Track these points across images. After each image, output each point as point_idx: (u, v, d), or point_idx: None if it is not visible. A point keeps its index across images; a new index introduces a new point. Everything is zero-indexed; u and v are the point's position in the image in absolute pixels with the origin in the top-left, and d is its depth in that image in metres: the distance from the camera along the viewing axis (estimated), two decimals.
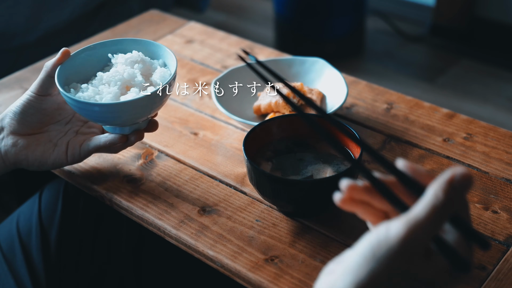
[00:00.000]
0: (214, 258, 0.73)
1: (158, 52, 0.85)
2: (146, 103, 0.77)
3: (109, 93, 0.78)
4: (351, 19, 2.34)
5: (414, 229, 0.46)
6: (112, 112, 0.76)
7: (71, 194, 0.97)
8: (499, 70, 2.32)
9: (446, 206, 0.46)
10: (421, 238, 0.46)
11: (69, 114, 0.84)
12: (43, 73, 0.80)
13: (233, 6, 2.84)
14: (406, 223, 0.46)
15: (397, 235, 0.46)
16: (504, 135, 0.91)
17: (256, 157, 0.80)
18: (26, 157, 0.81)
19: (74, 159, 0.82)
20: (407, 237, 0.46)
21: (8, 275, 0.89)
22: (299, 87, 0.93)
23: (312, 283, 0.69)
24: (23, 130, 0.81)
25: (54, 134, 0.83)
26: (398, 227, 0.46)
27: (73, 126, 0.84)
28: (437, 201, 0.46)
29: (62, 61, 0.80)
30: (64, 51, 0.80)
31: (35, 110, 0.80)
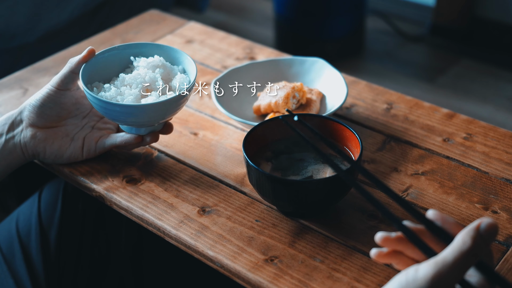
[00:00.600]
0: (214, 258, 0.73)
1: (179, 58, 0.88)
2: (165, 107, 0.80)
3: (130, 95, 0.81)
4: (351, 19, 2.34)
5: (442, 271, 0.48)
6: (132, 113, 0.80)
7: (71, 194, 0.97)
8: (499, 70, 2.32)
9: (473, 252, 0.49)
10: (448, 280, 0.48)
11: (86, 109, 0.87)
12: (67, 68, 0.82)
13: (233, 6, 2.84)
14: (435, 265, 0.49)
15: (426, 276, 0.49)
16: (504, 135, 0.91)
17: (256, 157, 0.80)
18: (44, 149, 0.84)
19: (90, 154, 0.86)
20: (435, 278, 0.48)
21: (8, 275, 0.89)
22: (299, 87, 0.93)
23: (311, 283, 0.69)
24: (41, 123, 0.83)
25: (71, 128, 0.85)
26: (427, 268, 0.49)
27: (89, 121, 0.87)
28: (464, 246, 0.49)
29: (87, 59, 0.83)
30: (90, 49, 0.83)
31: (54, 103, 0.82)
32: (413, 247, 0.55)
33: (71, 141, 0.85)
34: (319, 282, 0.69)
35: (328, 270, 0.71)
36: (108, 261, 0.95)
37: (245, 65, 1.02)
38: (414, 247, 0.55)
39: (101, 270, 0.95)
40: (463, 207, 0.79)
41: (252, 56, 1.15)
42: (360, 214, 0.78)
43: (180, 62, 0.88)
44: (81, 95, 0.86)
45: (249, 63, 1.02)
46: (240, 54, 1.16)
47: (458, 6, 2.44)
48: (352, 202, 0.80)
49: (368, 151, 0.90)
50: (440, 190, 0.82)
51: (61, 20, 1.73)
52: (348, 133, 0.79)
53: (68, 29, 1.77)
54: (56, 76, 0.83)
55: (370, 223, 0.77)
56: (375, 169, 0.86)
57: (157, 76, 0.83)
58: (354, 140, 0.78)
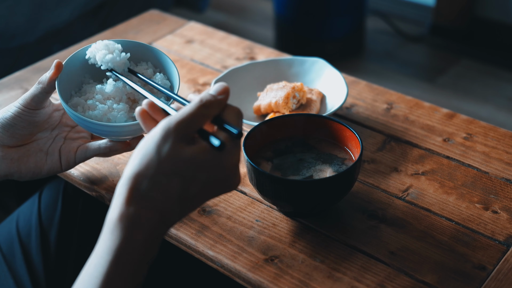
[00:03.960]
0: (214, 258, 0.73)
1: (148, 54, 0.82)
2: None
3: (120, 111, 0.77)
4: (351, 19, 2.34)
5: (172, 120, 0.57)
6: (130, 131, 0.77)
7: (71, 194, 0.97)
8: (499, 70, 2.32)
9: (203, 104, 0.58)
10: (179, 125, 0.57)
11: (55, 121, 0.82)
12: (38, 89, 0.76)
13: (233, 6, 2.84)
14: (167, 118, 0.58)
15: (159, 126, 0.57)
16: (504, 135, 0.91)
17: (256, 157, 0.80)
18: (19, 169, 0.79)
19: (69, 165, 0.81)
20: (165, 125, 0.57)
21: (8, 275, 0.89)
22: (299, 87, 0.93)
23: (312, 283, 0.69)
24: (12, 142, 0.78)
25: (43, 142, 0.80)
26: (159, 123, 0.58)
27: (60, 132, 0.82)
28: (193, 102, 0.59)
29: (57, 75, 0.77)
30: (57, 63, 0.76)
31: (26, 123, 0.77)
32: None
33: (46, 155, 0.80)
34: (319, 282, 0.69)
35: (328, 270, 0.71)
36: None
37: (245, 65, 1.02)
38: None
39: None
40: (463, 207, 0.79)
41: (252, 56, 1.15)
42: (360, 214, 0.78)
43: (149, 57, 0.83)
44: (54, 108, 0.81)
45: (249, 63, 1.02)
46: (240, 54, 1.16)
47: (458, 6, 2.44)
48: (352, 202, 0.80)
49: (368, 151, 0.90)
50: (440, 190, 0.82)
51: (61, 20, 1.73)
52: (348, 133, 0.79)
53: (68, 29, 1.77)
54: (26, 95, 0.76)
55: (370, 223, 0.77)
56: (375, 169, 0.86)
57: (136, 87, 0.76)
58: (354, 140, 0.78)
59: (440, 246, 0.73)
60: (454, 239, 0.74)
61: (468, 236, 0.75)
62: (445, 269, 0.70)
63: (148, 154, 0.57)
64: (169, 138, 0.57)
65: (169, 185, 0.57)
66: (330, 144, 0.82)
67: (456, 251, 0.73)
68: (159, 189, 0.57)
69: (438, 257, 0.72)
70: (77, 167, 0.88)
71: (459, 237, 0.75)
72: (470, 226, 0.76)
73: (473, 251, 0.73)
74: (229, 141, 0.59)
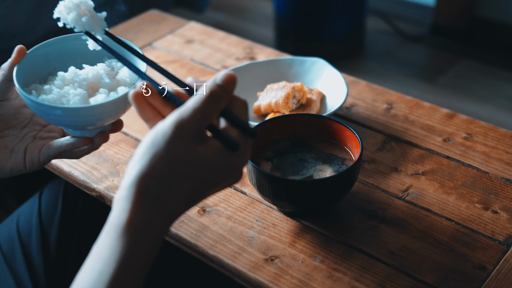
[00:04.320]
0: (214, 258, 0.73)
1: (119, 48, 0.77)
2: (118, 104, 0.70)
3: (76, 95, 0.71)
4: (351, 19, 2.34)
5: (183, 115, 0.53)
6: (82, 116, 0.69)
7: (71, 194, 0.97)
8: (499, 70, 2.32)
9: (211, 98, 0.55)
10: (191, 122, 0.53)
11: (26, 118, 0.77)
12: (1, 76, 0.72)
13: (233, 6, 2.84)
14: (177, 111, 0.54)
15: (170, 121, 0.53)
16: (504, 135, 0.91)
17: (256, 157, 0.80)
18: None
19: (33, 165, 0.75)
20: (178, 121, 0.53)
21: (8, 275, 0.89)
22: (299, 87, 0.93)
23: (312, 283, 0.69)
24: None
25: (10, 140, 0.75)
26: (171, 115, 0.54)
27: (30, 131, 0.76)
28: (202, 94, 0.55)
29: (18, 60, 0.72)
30: (19, 48, 0.72)
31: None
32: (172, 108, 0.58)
33: (11, 153, 0.74)
34: (319, 282, 0.69)
35: (328, 270, 0.71)
36: None
37: (245, 65, 1.02)
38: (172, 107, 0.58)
39: None
40: (463, 207, 0.79)
41: (252, 56, 1.15)
42: (360, 214, 0.78)
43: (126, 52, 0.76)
44: (21, 103, 0.76)
45: (249, 63, 1.02)
46: (240, 54, 1.16)
47: (458, 6, 2.44)
48: (352, 202, 0.80)
49: (368, 151, 0.90)
50: (440, 190, 0.82)
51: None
52: (348, 133, 0.79)
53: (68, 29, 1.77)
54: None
55: (370, 223, 0.77)
56: (375, 169, 0.86)
57: (101, 73, 0.74)
58: (354, 140, 0.78)
59: (440, 246, 0.73)
60: (454, 239, 0.74)
61: (468, 236, 0.75)
62: (445, 269, 0.70)
63: (158, 153, 0.53)
64: (182, 136, 0.53)
65: (181, 188, 0.54)
66: (330, 144, 0.82)
67: (456, 251, 0.73)
68: (170, 192, 0.53)
69: (438, 257, 0.72)
70: (77, 167, 0.88)
71: (459, 237, 0.75)
72: (470, 226, 0.76)
73: (473, 251, 0.73)
74: (241, 139, 0.56)
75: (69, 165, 0.88)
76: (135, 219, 0.52)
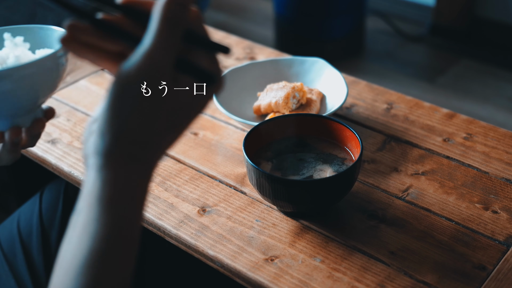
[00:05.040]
0: (214, 258, 0.73)
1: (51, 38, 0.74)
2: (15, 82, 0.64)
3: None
4: (351, 19, 2.34)
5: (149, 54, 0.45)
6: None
7: (72, 194, 0.97)
8: (499, 70, 2.32)
9: (173, 24, 0.45)
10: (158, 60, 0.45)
11: None
12: None
13: (233, 6, 2.84)
14: (140, 51, 0.45)
15: (134, 64, 0.45)
16: (504, 135, 0.92)
17: (256, 157, 0.80)
18: None
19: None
20: (144, 62, 0.45)
21: (9, 275, 0.89)
22: (299, 87, 0.93)
23: (312, 283, 0.69)
24: None
25: None
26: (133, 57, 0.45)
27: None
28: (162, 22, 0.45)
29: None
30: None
31: None
32: (111, 39, 0.48)
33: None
34: (319, 282, 0.69)
35: (328, 270, 0.71)
36: None
37: (245, 65, 1.02)
38: (112, 39, 0.48)
39: None
40: (463, 207, 0.79)
41: (252, 56, 1.15)
42: (360, 214, 0.78)
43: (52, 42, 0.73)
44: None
45: (249, 63, 1.02)
46: (240, 54, 1.16)
47: (458, 6, 2.44)
48: (352, 202, 0.80)
49: (368, 151, 0.90)
50: (440, 190, 0.82)
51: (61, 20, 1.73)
52: (348, 133, 0.79)
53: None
54: None
55: (370, 223, 0.77)
56: (375, 169, 0.86)
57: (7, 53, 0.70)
58: (354, 140, 0.78)
59: (440, 246, 0.73)
60: (454, 239, 0.74)
61: (468, 236, 0.75)
62: (445, 269, 0.70)
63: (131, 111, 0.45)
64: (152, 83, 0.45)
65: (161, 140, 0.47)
66: (330, 144, 0.82)
67: (456, 251, 0.73)
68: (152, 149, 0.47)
69: (438, 257, 0.72)
70: (77, 167, 0.88)
71: (459, 237, 0.75)
72: (470, 226, 0.76)
73: (473, 251, 0.73)
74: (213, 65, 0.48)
75: (69, 165, 0.88)
76: (122, 188, 0.46)
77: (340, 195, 0.76)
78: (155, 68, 0.45)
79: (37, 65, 0.65)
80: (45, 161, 0.91)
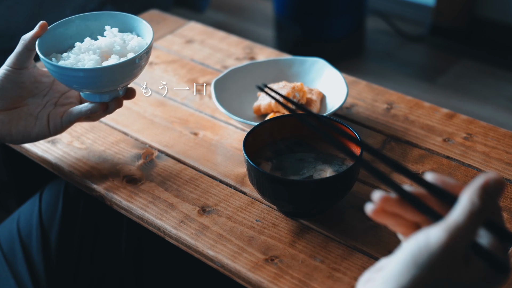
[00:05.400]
0: (214, 258, 0.73)
1: (133, 24, 0.88)
2: (127, 68, 0.80)
3: (90, 60, 0.81)
4: (351, 19, 2.34)
5: (454, 235, 0.47)
6: (95, 77, 0.79)
7: (72, 194, 0.97)
8: (499, 70, 2.32)
9: (482, 211, 0.48)
10: (461, 243, 0.47)
11: (46, 87, 0.86)
12: (21, 46, 0.81)
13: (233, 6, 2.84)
14: (446, 229, 0.47)
15: (438, 241, 0.47)
16: (504, 135, 0.92)
17: (256, 157, 0.80)
18: (9, 132, 0.82)
19: (57, 130, 0.84)
20: (448, 242, 0.47)
21: (9, 275, 0.89)
22: (299, 87, 0.93)
23: (312, 283, 0.69)
24: (2, 105, 0.82)
25: (33, 108, 0.84)
26: (438, 233, 0.47)
27: (51, 98, 0.86)
28: (473, 206, 0.48)
29: (40, 34, 0.82)
30: (42, 23, 0.82)
31: (13, 84, 0.81)
32: (412, 211, 0.53)
33: (36, 119, 0.84)
34: (319, 282, 0.69)
35: (328, 270, 0.71)
36: (108, 261, 0.95)
37: (245, 65, 1.02)
38: (414, 210, 0.53)
39: (101, 270, 0.95)
40: None
41: (252, 56, 1.15)
42: (360, 214, 0.78)
43: (135, 27, 0.87)
44: (39, 73, 0.85)
45: (249, 63, 1.02)
46: (240, 54, 1.16)
47: (458, 6, 2.44)
48: (352, 202, 0.80)
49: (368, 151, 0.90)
50: None
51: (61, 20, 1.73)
52: (349, 133, 0.79)
53: None
54: (11, 55, 0.82)
55: (370, 223, 0.77)
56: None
57: (112, 41, 0.83)
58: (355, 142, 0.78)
59: None
60: None
61: None
62: None
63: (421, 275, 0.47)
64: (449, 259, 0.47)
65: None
66: (330, 144, 0.82)
67: None
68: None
69: None
70: (77, 167, 0.88)
71: None
72: None
73: None
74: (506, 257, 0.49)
75: (69, 165, 0.88)
76: None
77: (340, 195, 0.76)
78: (455, 249, 0.47)
79: (128, 63, 0.80)
80: (45, 161, 0.91)
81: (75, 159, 0.90)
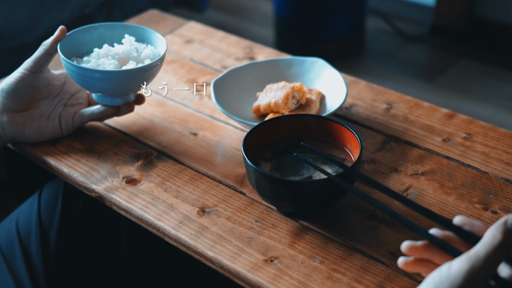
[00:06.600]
0: (213, 259, 0.73)
1: (146, 36, 0.94)
2: (144, 73, 0.86)
3: (110, 64, 0.86)
4: (351, 19, 2.34)
5: (475, 265, 0.49)
6: (115, 79, 0.84)
7: (71, 194, 0.97)
8: (499, 70, 2.32)
9: (504, 245, 0.50)
10: (481, 275, 0.49)
11: (57, 89, 0.91)
12: (41, 51, 0.86)
13: (233, 6, 2.84)
14: (467, 259, 0.50)
15: (460, 271, 0.50)
16: (504, 135, 0.91)
17: (256, 158, 0.80)
18: (23, 132, 0.88)
19: (68, 130, 0.90)
20: (469, 272, 0.49)
21: (8, 274, 0.89)
22: (299, 87, 0.93)
23: (311, 284, 0.69)
24: (16, 107, 0.87)
25: (45, 109, 0.89)
26: (460, 263, 0.50)
27: (61, 99, 0.91)
28: (495, 241, 0.50)
29: (61, 38, 0.87)
30: (62, 28, 0.87)
31: (28, 87, 0.86)
32: (440, 254, 0.56)
33: (48, 120, 0.89)
34: (318, 282, 0.69)
35: (328, 270, 0.71)
36: (108, 261, 0.95)
37: (245, 65, 1.02)
38: (442, 253, 0.56)
39: (101, 270, 0.95)
40: (463, 207, 0.79)
41: (252, 56, 1.15)
42: (360, 215, 0.78)
43: (148, 38, 0.94)
44: (52, 76, 0.90)
45: (249, 63, 1.02)
46: (240, 54, 1.16)
47: (458, 6, 2.44)
48: (352, 203, 0.80)
49: (368, 151, 0.90)
50: (440, 190, 0.82)
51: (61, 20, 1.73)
52: (348, 133, 0.79)
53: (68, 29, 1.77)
54: (29, 59, 0.86)
55: (370, 223, 0.77)
56: (375, 169, 0.86)
57: (129, 48, 0.89)
58: (354, 140, 0.78)
59: None
60: None
61: None
62: None
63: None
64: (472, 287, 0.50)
65: None
66: (329, 145, 0.81)
67: None
68: None
69: None
70: (76, 168, 0.88)
71: None
72: None
73: None
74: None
75: (68, 166, 0.88)
76: None
77: (340, 196, 0.76)
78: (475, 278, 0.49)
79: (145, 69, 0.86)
80: (44, 162, 0.91)
81: (74, 159, 0.90)
